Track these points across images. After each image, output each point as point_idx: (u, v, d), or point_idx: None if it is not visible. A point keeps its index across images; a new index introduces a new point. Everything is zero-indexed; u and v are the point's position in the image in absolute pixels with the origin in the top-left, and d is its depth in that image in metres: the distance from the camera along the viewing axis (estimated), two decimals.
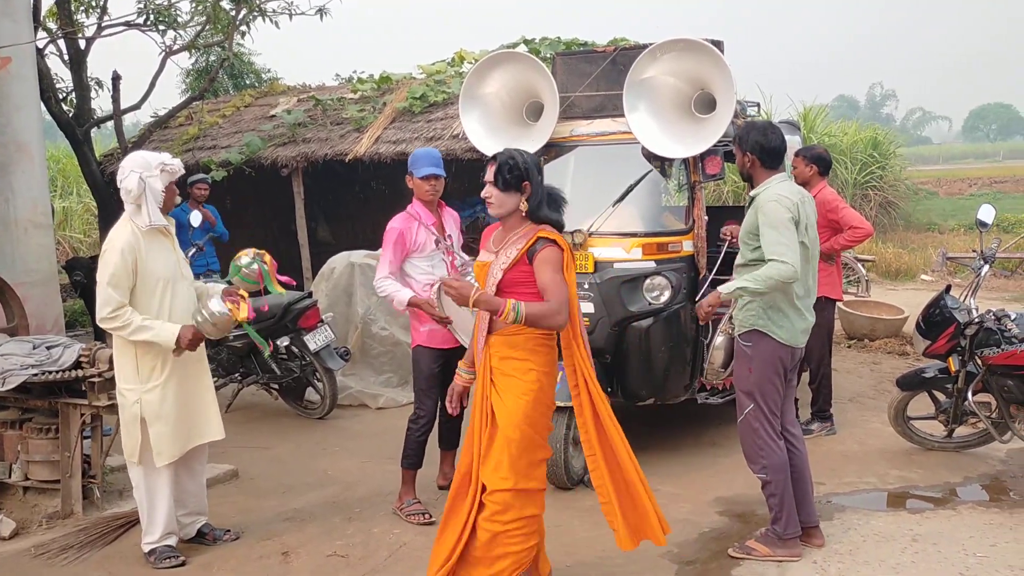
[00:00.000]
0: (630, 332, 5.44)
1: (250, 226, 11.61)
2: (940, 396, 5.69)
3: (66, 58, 10.90)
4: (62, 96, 11.19)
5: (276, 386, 7.33)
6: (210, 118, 12.06)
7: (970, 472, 5.50)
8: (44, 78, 9.74)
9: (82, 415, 4.91)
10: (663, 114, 5.48)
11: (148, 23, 10.88)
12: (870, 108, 76.70)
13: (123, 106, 11.07)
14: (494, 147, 5.84)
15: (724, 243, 5.76)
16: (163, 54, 11.13)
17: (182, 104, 12.18)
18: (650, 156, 5.56)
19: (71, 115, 10.91)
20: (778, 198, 4.16)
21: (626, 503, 3.76)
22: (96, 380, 4.81)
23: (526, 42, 10.85)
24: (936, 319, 5.39)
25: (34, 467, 5.05)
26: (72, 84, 11.11)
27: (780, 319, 4.24)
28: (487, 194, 3.62)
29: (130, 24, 10.85)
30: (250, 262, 4.79)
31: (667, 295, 5.42)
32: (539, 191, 3.63)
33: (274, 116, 11.51)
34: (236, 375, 7.31)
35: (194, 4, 11.18)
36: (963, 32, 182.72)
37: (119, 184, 4.30)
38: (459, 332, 4.66)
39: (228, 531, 4.76)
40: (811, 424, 6.23)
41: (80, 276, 9.01)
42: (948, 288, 5.63)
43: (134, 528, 4.72)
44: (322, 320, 7.14)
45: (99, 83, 11.46)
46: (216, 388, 6.46)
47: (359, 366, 7.75)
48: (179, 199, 4.53)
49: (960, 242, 16.94)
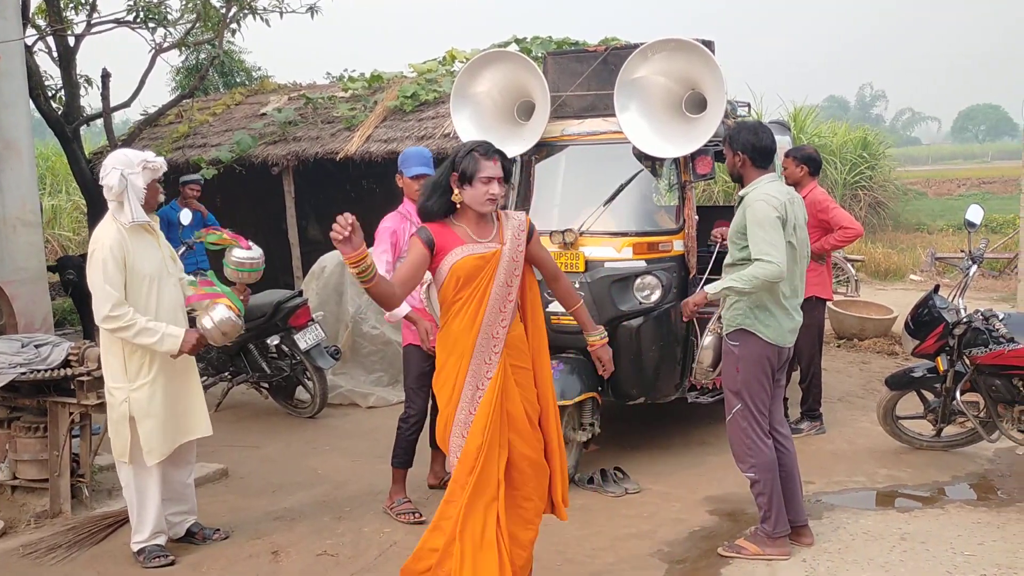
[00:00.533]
0: (620, 331, 5.44)
1: (240, 225, 11.52)
2: (929, 395, 5.72)
3: (55, 55, 10.84)
4: (51, 93, 11.12)
5: (266, 385, 7.31)
6: (200, 116, 12.01)
7: (958, 471, 5.53)
8: (33, 75, 9.68)
9: (71, 414, 4.89)
10: (654, 114, 5.50)
11: (138, 20, 10.82)
12: (860, 109, 76.91)
13: (112, 104, 11.00)
14: None
15: (715, 244, 5.78)
16: (153, 52, 11.06)
17: (172, 102, 12.11)
18: (641, 156, 5.58)
19: (60, 113, 10.85)
20: (766, 197, 4.17)
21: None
22: (85, 379, 4.79)
23: (517, 41, 10.85)
24: (925, 319, 5.42)
25: (22, 466, 5.03)
26: (61, 81, 11.04)
27: (767, 318, 4.25)
28: (498, 192, 3.44)
29: (120, 21, 10.79)
30: (243, 252, 4.63)
31: (657, 294, 5.43)
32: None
33: (265, 114, 11.47)
34: (226, 374, 7.29)
35: (184, 2, 11.11)
36: (953, 34, 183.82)
37: (101, 181, 4.31)
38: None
39: (218, 530, 4.75)
40: (801, 423, 6.25)
41: (72, 274, 8.96)
42: (937, 288, 5.66)
43: (123, 527, 4.71)
44: (312, 319, 7.13)
45: (88, 81, 11.40)
46: (206, 387, 6.45)
47: (349, 365, 7.75)
48: (162, 197, 4.50)
49: (949, 242, 17.01)
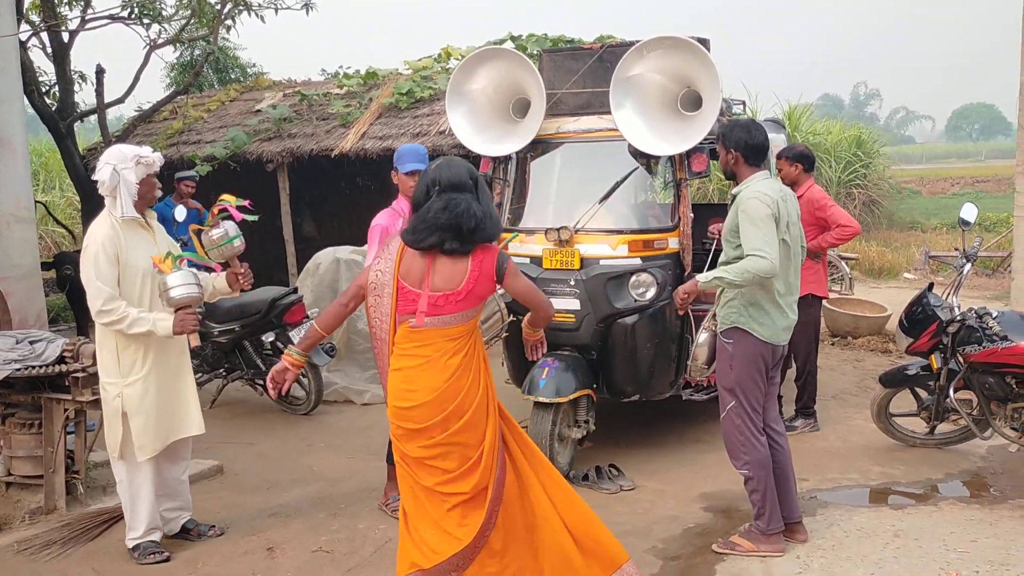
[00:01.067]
0: (615, 329, 5.45)
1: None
2: (922, 393, 5.73)
3: (49, 51, 10.81)
4: (45, 89, 11.10)
5: (261, 382, 7.30)
6: (195, 112, 12.00)
7: (951, 468, 5.55)
8: (27, 71, 9.64)
9: (65, 410, 4.89)
10: (649, 111, 5.50)
11: (132, 16, 10.81)
12: (854, 107, 77.03)
13: (107, 100, 10.99)
14: (481, 143, 5.86)
15: (711, 241, 5.79)
16: (147, 48, 11.04)
17: (166, 98, 12.09)
18: (636, 153, 5.58)
19: (54, 109, 10.82)
20: (758, 195, 4.18)
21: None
22: (80, 375, 4.79)
23: (513, 39, 10.85)
24: (919, 317, 5.43)
25: (17, 462, 5.03)
26: (55, 77, 11.02)
27: (761, 317, 4.26)
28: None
29: (114, 17, 10.77)
30: (216, 231, 4.54)
31: (652, 292, 5.43)
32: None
33: (259, 111, 11.46)
34: (221, 371, 7.29)
35: None
36: (948, 32, 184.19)
37: (94, 176, 4.32)
38: None
39: (213, 527, 4.75)
40: (795, 421, 6.27)
41: (69, 270, 8.98)
42: (931, 286, 5.68)
43: (118, 524, 4.71)
44: (307, 316, 7.12)
45: (83, 77, 11.38)
46: (200, 384, 6.45)
47: (344, 362, 7.74)
48: (159, 193, 4.50)
49: (942, 241, 17.06)
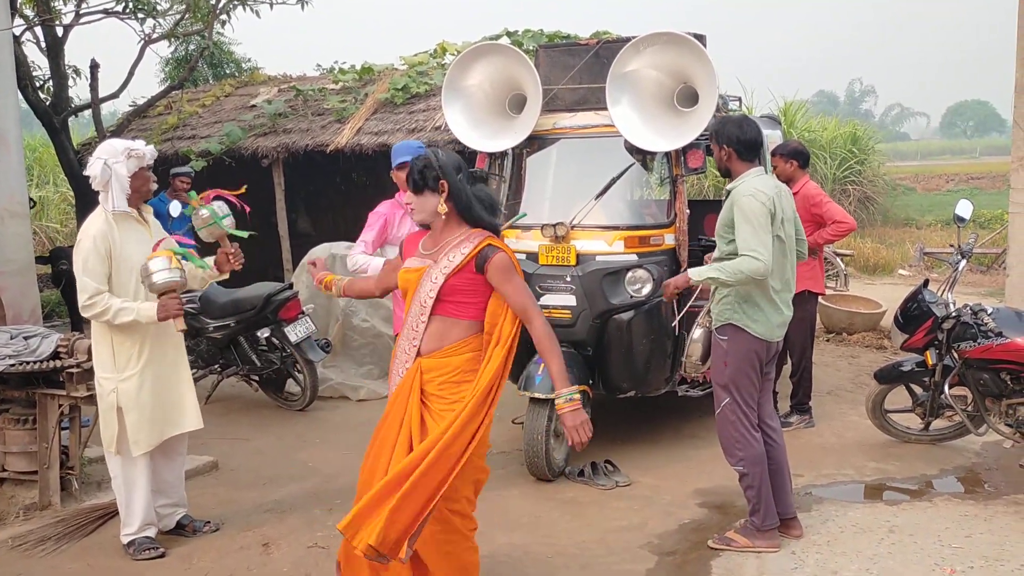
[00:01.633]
0: (611, 325, 5.45)
1: None
2: (917, 389, 5.74)
3: (43, 46, 10.79)
4: (39, 84, 11.07)
5: (256, 378, 7.29)
6: (190, 107, 11.96)
7: (946, 464, 5.56)
8: (21, 66, 9.61)
9: (60, 406, 4.87)
10: (646, 107, 5.49)
11: (127, 11, 10.78)
12: (849, 104, 77.13)
13: (101, 95, 10.96)
14: (477, 139, 5.85)
15: (707, 237, 5.80)
16: (142, 43, 11.02)
17: (161, 93, 12.05)
18: (632, 149, 5.57)
19: (48, 103, 10.79)
20: (754, 192, 4.16)
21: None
22: (74, 371, 4.77)
23: (509, 34, 10.82)
24: (914, 313, 5.44)
25: (11, 458, 5.01)
26: (49, 72, 11.00)
27: (755, 313, 4.25)
28: (407, 200, 3.43)
29: (109, 12, 10.74)
30: (203, 210, 4.53)
31: (649, 288, 5.44)
32: (463, 191, 3.34)
33: (255, 106, 11.43)
34: (216, 366, 7.27)
35: None
36: (943, 29, 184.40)
37: (86, 172, 4.33)
38: None
39: (208, 522, 4.74)
40: (790, 417, 6.28)
41: (65, 265, 8.98)
42: (926, 283, 5.69)
43: (113, 519, 4.70)
44: (303, 312, 7.11)
45: (77, 71, 11.36)
46: (196, 379, 6.42)
47: (340, 358, 7.73)
48: (154, 186, 4.48)
49: (937, 237, 17.08)
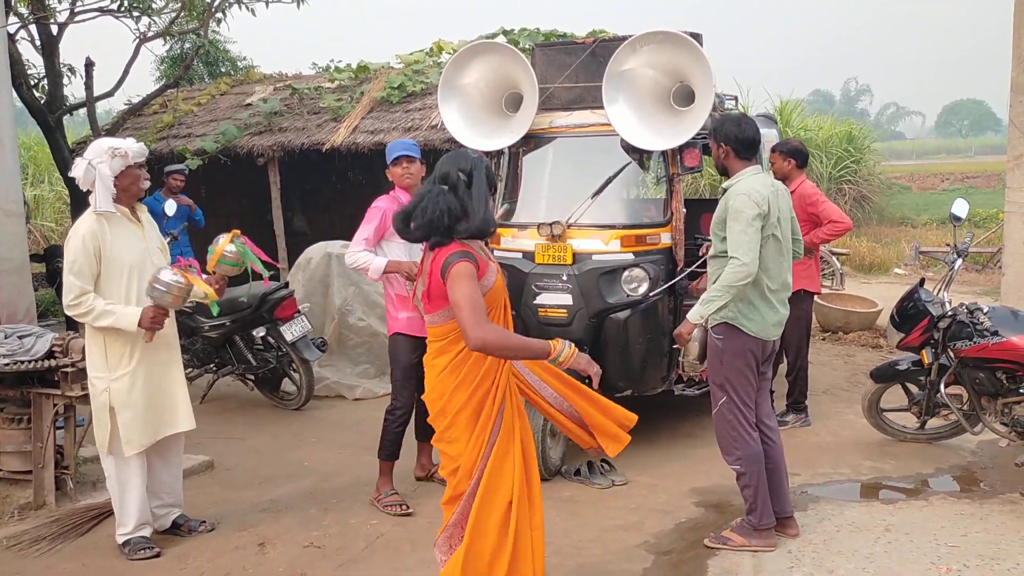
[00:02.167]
0: (608, 324, 5.45)
1: (225, 216, 11.50)
2: (913, 388, 5.75)
3: (38, 44, 10.71)
4: (34, 82, 11.00)
5: (252, 377, 7.28)
6: (185, 106, 11.93)
7: (942, 463, 5.57)
8: (15, 64, 9.56)
9: (55, 405, 4.86)
10: (642, 106, 5.49)
11: (122, 9, 10.70)
12: (845, 103, 77.15)
13: (96, 93, 10.90)
14: (473, 138, 5.84)
15: (703, 236, 5.79)
16: (137, 41, 10.96)
17: (156, 92, 12.01)
18: (629, 148, 5.57)
19: (43, 102, 10.73)
20: (748, 191, 4.15)
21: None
22: (69, 370, 4.76)
23: (505, 33, 10.80)
24: (910, 312, 5.45)
25: (5, 458, 5.00)
26: (44, 70, 10.92)
27: (750, 312, 4.25)
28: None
29: (103, 10, 10.67)
30: (231, 245, 4.64)
31: (645, 287, 5.44)
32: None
33: (250, 105, 11.40)
34: (211, 365, 7.26)
35: None
36: (938, 29, 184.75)
37: (70, 174, 4.31)
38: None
39: (203, 522, 4.73)
40: (786, 416, 6.28)
41: (60, 263, 8.97)
42: (922, 281, 5.69)
43: (108, 519, 4.68)
44: (299, 311, 7.10)
45: (72, 70, 11.28)
46: (191, 379, 6.42)
47: (336, 357, 7.72)
48: (147, 184, 4.47)
49: (933, 236, 17.12)
